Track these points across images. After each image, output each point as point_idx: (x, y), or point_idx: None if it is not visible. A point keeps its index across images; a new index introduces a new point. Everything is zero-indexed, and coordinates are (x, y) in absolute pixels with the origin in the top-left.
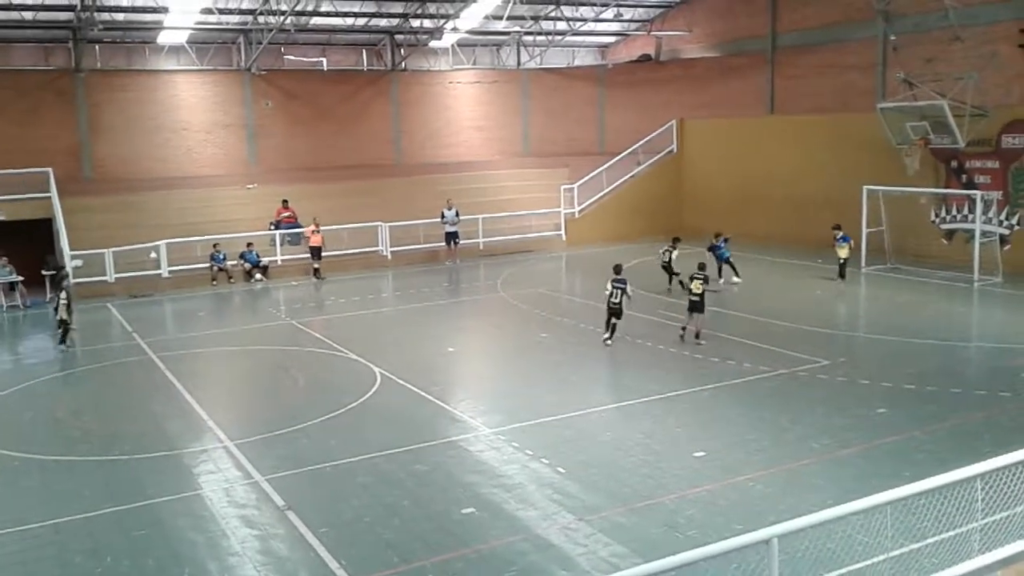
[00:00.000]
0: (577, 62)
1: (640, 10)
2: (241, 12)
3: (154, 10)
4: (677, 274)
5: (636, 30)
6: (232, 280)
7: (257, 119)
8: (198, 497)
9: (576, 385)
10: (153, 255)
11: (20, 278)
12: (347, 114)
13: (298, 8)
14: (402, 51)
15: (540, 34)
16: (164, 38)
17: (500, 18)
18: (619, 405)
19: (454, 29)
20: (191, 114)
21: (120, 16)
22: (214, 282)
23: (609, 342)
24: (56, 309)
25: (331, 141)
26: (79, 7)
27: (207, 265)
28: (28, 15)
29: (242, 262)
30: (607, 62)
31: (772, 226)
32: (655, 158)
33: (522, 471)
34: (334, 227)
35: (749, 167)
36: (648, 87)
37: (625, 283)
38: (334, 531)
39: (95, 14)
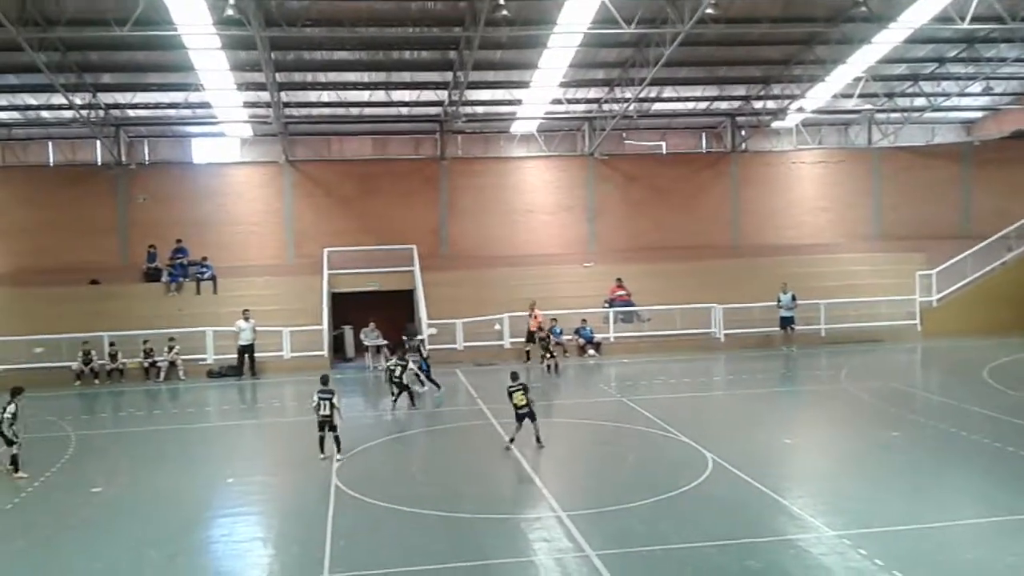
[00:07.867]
0: (937, 139)
1: (1014, 83)
2: (587, 101)
3: (510, 102)
4: None
5: (1009, 104)
6: (567, 354)
7: (598, 201)
8: (532, 564)
9: (934, 493)
10: (497, 327)
11: (386, 342)
12: (685, 196)
13: (641, 95)
14: (743, 132)
15: (895, 111)
16: (517, 127)
17: (850, 96)
18: (987, 520)
19: (799, 109)
20: (537, 196)
21: (480, 109)
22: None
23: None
24: (392, 373)
25: (668, 222)
26: (447, 102)
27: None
28: (404, 111)
29: (576, 337)
30: (973, 139)
31: None
32: None
33: None
34: (665, 307)
35: None
36: (1023, 166)
37: (332, 394)
38: None
39: (460, 108)
